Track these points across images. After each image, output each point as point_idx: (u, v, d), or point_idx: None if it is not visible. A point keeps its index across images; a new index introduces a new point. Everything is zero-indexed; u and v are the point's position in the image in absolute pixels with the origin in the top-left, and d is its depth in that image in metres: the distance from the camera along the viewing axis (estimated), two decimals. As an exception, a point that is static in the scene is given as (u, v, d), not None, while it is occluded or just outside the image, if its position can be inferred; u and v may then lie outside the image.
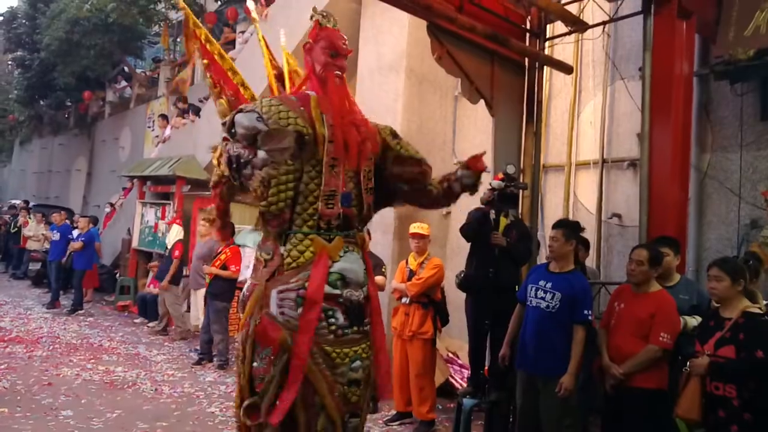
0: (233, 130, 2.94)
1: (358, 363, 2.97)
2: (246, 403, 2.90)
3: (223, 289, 7.39)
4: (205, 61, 3.54)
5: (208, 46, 3.56)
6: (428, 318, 5.44)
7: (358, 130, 3.04)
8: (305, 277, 2.89)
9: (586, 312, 4.02)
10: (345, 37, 3.15)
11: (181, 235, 9.85)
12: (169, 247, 9.74)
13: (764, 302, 4.04)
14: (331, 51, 3.06)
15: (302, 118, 2.91)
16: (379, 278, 5.78)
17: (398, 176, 3.27)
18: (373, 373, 3.10)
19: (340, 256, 2.97)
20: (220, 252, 7.43)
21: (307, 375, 2.84)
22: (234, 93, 3.50)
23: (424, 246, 5.67)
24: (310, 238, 2.93)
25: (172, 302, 9.25)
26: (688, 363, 3.61)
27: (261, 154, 2.86)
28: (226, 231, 3.30)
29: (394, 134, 3.34)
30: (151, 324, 9.75)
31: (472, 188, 3.37)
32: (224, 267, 7.33)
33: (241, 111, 2.94)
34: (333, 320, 2.92)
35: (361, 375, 2.99)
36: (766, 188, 5.24)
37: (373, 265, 5.68)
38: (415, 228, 5.70)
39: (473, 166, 3.29)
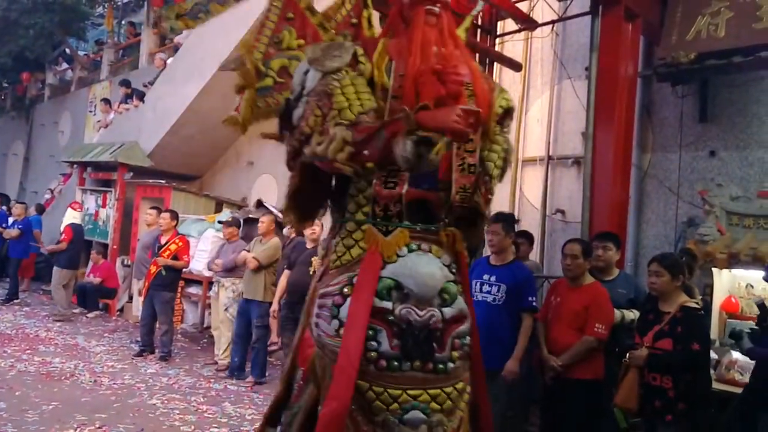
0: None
1: (418, 415, 2.09)
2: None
3: (171, 280, 7.22)
4: (290, 14, 2.76)
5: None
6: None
7: (444, 80, 2.22)
8: (346, 279, 2.21)
9: (530, 299, 4.10)
10: None
11: (75, 220, 9.68)
12: (61, 229, 9.60)
13: (700, 297, 4.21)
14: None
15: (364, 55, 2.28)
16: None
17: None
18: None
19: (399, 256, 2.20)
20: (168, 242, 7.22)
21: None
22: None
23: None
24: (363, 229, 2.25)
25: (56, 284, 9.17)
26: (627, 354, 3.73)
27: (311, 74, 2.22)
28: (298, 218, 2.61)
29: (507, 115, 2.52)
30: (90, 314, 9.48)
31: None
32: (175, 257, 7.16)
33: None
34: (373, 344, 2.12)
35: None
36: (704, 188, 5.44)
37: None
38: None
39: None
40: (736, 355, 4.26)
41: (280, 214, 7.74)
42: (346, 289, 2.18)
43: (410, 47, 2.25)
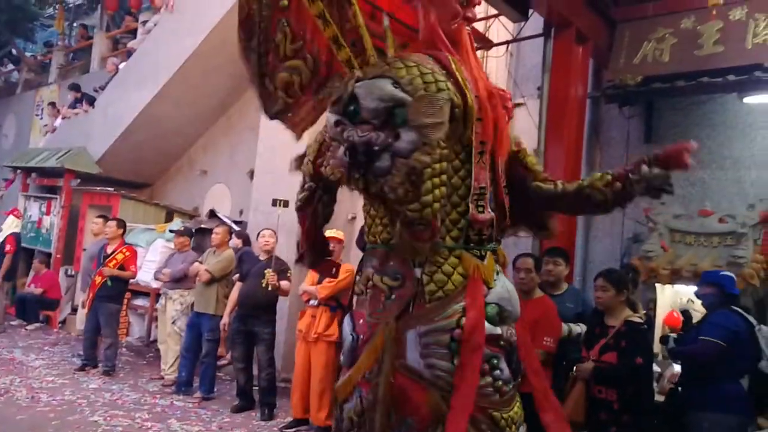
0: (352, 108, 2.02)
1: (524, 428, 2.24)
2: None
3: (117, 291, 7.03)
4: (284, 2, 2.29)
5: None
6: (335, 321, 5.34)
7: (505, 106, 2.29)
8: (458, 310, 2.09)
9: None
10: None
11: (17, 228, 9.39)
12: (0, 239, 9.22)
13: (643, 311, 4.34)
14: None
15: (452, 83, 2.10)
16: (284, 283, 5.70)
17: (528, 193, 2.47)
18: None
19: (495, 281, 2.22)
20: (115, 252, 7.02)
21: None
22: (324, 51, 2.30)
23: (339, 251, 5.60)
24: (456, 255, 2.15)
25: None
26: (574, 368, 3.81)
27: (408, 135, 1.96)
28: (322, 267, 2.71)
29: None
30: (29, 327, 9.12)
31: (661, 191, 2.35)
32: (121, 268, 6.96)
33: (361, 79, 2.06)
34: (498, 372, 2.14)
35: None
36: (648, 206, 5.62)
37: (279, 270, 5.64)
38: (331, 233, 5.42)
39: (674, 162, 2.26)
40: (677, 368, 4.40)
41: (233, 225, 7.66)
42: (464, 320, 2.08)
43: (470, 69, 2.23)
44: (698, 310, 4.72)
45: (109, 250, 7.03)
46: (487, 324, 2.11)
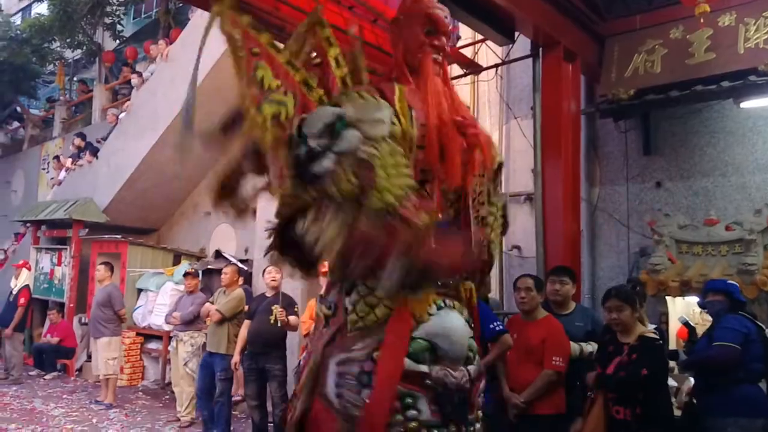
0: (303, 132, 1.99)
1: None
2: None
3: None
4: (255, 49, 2.32)
5: (254, 35, 2.42)
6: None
7: (464, 133, 2.24)
8: (374, 343, 2.02)
9: (492, 326, 3.83)
10: (445, 8, 2.40)
11: (29, 281, 9.66)
12: (14, 292, 9.43)
13: (652, 326, 4.28)
14: (427, 27, 2.33)
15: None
16: (292, 318, 5.69)
17: None
18: None
19: (430, 315, 2.09)
20: None
21: None
22: (299, 92, 2.34)
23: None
24: None
25: (11, 350, 9.09)
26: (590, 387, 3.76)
27: (348, 133, 1.92)
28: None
29: (500, 170, 2.56)
30: (47, 376, 9.17)
31: None
32: None
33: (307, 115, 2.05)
34: (413, 413, 2.00)
35: None
36: (652, 218, 5.59)
37: (286, 305, 5.63)
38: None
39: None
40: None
41: (240, 264, 7.68)
42: (376, 354, 2.01)
43: (425, 97, 2.22)
44: (699, 322, 4.64)
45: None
46: (407, 360, 2.01)
